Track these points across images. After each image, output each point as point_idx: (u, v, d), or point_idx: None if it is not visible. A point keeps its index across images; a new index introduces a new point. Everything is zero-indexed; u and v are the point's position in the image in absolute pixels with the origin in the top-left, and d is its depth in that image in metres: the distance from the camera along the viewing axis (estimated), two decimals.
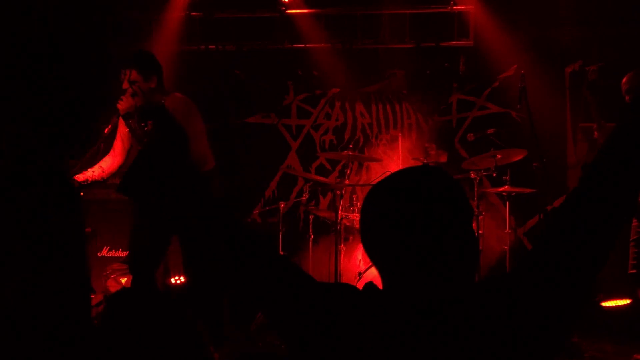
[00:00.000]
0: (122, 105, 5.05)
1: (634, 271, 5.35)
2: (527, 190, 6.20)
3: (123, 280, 6.46)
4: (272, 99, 7.72)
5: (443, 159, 7.11)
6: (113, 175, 5.34)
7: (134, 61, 5.09)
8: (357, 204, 6.27)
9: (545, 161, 5.97)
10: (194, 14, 7.46)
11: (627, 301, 6.33)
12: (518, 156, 6.15)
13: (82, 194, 6.78)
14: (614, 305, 6.38)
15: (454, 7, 7.17)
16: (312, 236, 6.55)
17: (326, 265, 6.46)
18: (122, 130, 5.22)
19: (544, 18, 7.11)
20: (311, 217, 6.60)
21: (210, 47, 7.65)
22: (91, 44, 6.99)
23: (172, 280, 6.86)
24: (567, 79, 7.23)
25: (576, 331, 6.27)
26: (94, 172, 5.20)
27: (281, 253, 6.42)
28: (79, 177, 5.14)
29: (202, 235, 1.80)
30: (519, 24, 7.15)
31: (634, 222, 5.42)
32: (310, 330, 1.63)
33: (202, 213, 1.80)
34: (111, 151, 5.31)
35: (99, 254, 6.71)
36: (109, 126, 5.16)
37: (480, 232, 6.05)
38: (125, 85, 5.03)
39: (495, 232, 6.62)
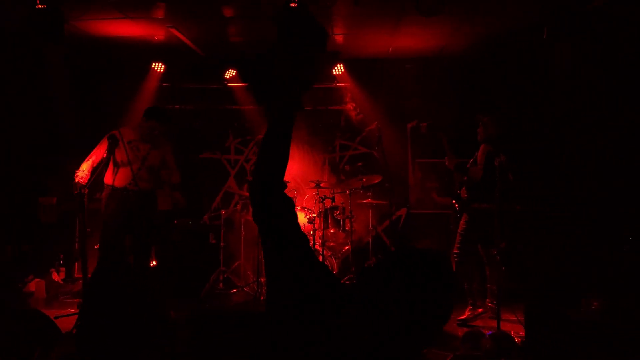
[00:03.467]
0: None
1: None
2: (383, 202, 6.38)
3: None
4: (217, 142, 7.64)
5: (331, 181, 7.23)
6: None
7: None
8: None
9: (394, 183, 6.17)
10: (164, 84, 7.37)
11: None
12: (376, 180, 6.32)
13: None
14: None
15: (337, 84, 7.32)
16: (243, 234, 6.53)
17: (254, 254, 6.45)
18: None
19: (394, 92, 7.29)
20: (243, 220, 6.58)
21: (175, 107, 7.56)
22: None
23: None
24: (408, 131, 7.38)
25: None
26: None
27: (222, 244, 6.43)
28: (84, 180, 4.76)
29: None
30: (378, 95, 7.29)
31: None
32: None
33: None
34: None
35: (95, 247, 6.48)
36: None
37: (354, 229, 6.18)
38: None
39: (363, 229, 6.72)
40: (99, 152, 5.05)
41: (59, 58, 6.50)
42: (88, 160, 5.03)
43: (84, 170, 4.89)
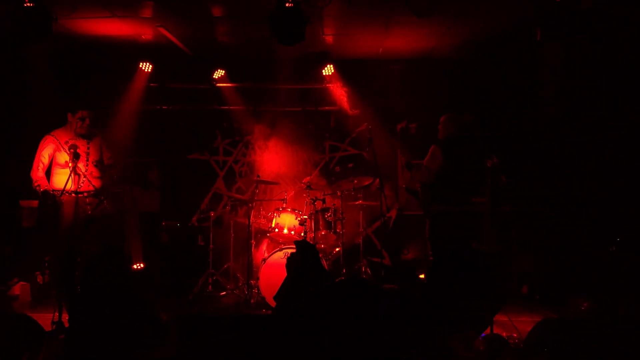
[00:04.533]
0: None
1: None
2: (373, 203, 6.39)
3: None
4: (206, 142, 7.57)
5: (322, 182, 7.23)
6: None
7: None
8: (262, 212, 6.27)
9: (384, 185, 6.17)
10: (152, 84, 7.29)
11: None
12: (367, 181, 6.33)
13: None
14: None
15: (327, 85, 7.27)
16: (232, 235, 6.48)
17: (242, 254, 6.42)
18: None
19: (384, 93, 7.30)
20: (232, 222, 6.54)
21: (163, 107, 7.48)
22: None
23: (135, 267, 6.63)
24: (398, 132, 7.40)
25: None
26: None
27: (211, 246, 6.38)
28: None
29: None
30: (368, 96, 7.28)
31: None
32: None
33: None
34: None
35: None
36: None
37: (344, 230, 6.16)
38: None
39: (353, 230, 6.72)
40: (45, 159, 5.03)
41: (44, 56, 6.39)
42: (37, 169, 4.99)
43: (42, 179, 4.94)
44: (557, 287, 6.08)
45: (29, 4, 4.37)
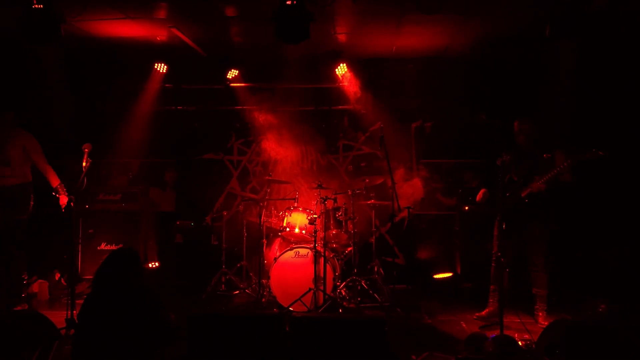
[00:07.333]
0: None
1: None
2: (385, 203, 6.30)
3: None
4: (220, 142, 7.61)
5: (334, 182, 7.17)
6: None
7: None
8: (274, 212, 6.24)
9: (397, 183, 6.08)
10: (167, 85, 7.35)
11: (449, 274, 6.50)
12: (379, 180, 6.25)
13: (87, 206, 6.50)
14: (441, 277, 6.52)
15: (341, 84, 7.23)
16: (245, 234, 6.48)
17: (255, 253, 6.40)
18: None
19: (396, 92, 7.19)
20: (245, 222, 6.54)
21: (178, 107, 7.55)
22: None
23: (150, 265, 6.67)
24: (412, 131, 7.34)
25: (415, 293, 6.36)
26: None
27: (224, 246, 6.41)
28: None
29: None
30: (382, 95, 7.20)
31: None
32: None
33: None
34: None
35: (98, 248, 6.47)
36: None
37: (356, 230, 6.09)
38: None
39: (366, 229, 6.64)
40: None
41: (57, 58, 6.46)
42: None
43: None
44: (575, 288, 5.93)
45: (37, 6, 4.41)
